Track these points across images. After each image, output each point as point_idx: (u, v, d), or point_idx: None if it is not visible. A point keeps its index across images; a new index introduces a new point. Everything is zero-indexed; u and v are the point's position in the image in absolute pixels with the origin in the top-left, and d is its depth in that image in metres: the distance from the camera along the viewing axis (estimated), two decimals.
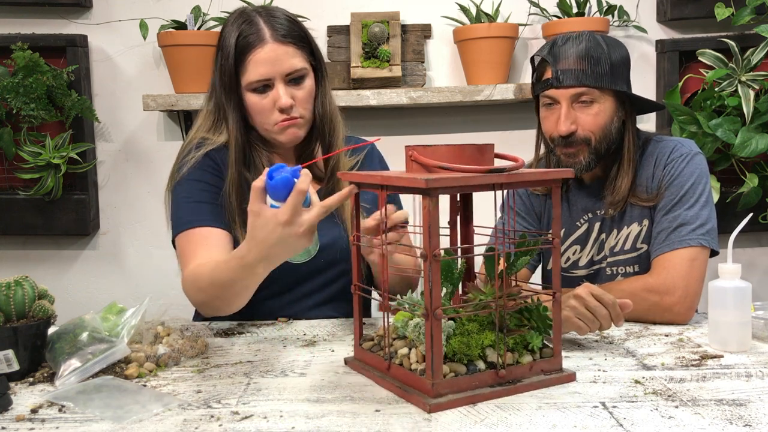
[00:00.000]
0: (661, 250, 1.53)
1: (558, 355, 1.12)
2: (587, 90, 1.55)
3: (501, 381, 1.06)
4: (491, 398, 1.04)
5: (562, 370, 1.12)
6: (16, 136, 2.41)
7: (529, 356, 1.11)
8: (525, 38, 2.56)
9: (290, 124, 1.51)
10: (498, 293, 1.07)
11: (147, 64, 2.58)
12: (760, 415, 0.97)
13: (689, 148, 1.62)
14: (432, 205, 0.99)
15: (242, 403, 1.05)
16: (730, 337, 1.26)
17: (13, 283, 1.18)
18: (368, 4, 2.53)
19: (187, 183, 1.52)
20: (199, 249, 1.44)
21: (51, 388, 1.14)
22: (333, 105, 1.59)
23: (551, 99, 1.59)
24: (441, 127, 2.58)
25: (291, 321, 1.55)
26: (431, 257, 0.99)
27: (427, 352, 1.01)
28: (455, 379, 1.03)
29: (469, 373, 1.04)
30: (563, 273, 1.74)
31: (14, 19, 2.53)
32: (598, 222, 1.68)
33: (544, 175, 1.11)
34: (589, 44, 1.56)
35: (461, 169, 1.03)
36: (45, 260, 2.63)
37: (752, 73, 2.29)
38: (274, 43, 1.47)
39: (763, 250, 2.62)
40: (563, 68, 1.55)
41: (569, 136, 1.57)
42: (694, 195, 1.56)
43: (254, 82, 1.47)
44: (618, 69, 1.57)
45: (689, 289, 1.46)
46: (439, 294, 1.00)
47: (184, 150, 1.58)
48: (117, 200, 2.62)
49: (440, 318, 1.00)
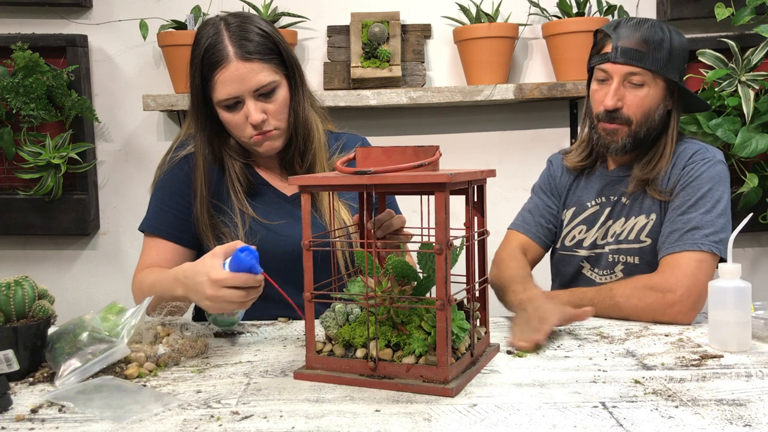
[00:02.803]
0: (671, 250, 1.53)
1: (443, 366, 1.07)
2: (641, 71, 1.57)
3: (372, 373, 1.11)
4: (356, 385, 1.11)
5: (446, 382, 1.07)
6: (16, 136, 2.41)
7: (412, 358, 1.10)
8: (525, 38, 2.56)
9: (265, 138, 1.52)
10: (370, 291, 1.11)
11: (147, 64, 2.58)
12: (760, 415, 0.97)
13: (713, 155, 1.62)
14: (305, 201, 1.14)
15: (242, 403, 1.05)
16: (730, 337, 1.26)
17: (13, 283, 1.18)
18: (368, 4, 2.53)
19: (165, 184, 1.61)
20: (149, 256, 1.59)
21: (51, 388, 1.14)
22: (307, 111, 1.57)
23: (605, 73, 1.61)
24: (441, 127, 2.59)
25: (291, 321, 1.55)
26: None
27: (308, 332, 1.16)
28: (328, 358, 1.15)
29: (346, 357, 1.14)
30: (567, 252, 1.75)
31: (14, 19, 2.53)
32: (609, 207, 1.69)
33: (413, 179, 1.06)
34: (653, 29, 1.58)
35: (340, 171, 1.13)
36: (45, 260, 2.63)
37: (752, 73, 2.29)
38: (238, 61, 1.45)
39: (763, 250, 2.62)
40: (624, 46, 1.57)
41: (613, 111, 1.59)
42: (711, 200, 1.55)
43: (223, 101, 1.48)
44: (676, 59, 1.59)
45: (693, 290, 1.45)
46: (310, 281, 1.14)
47: (172, 148, 1.64)
48: (117, 200, 2.62)
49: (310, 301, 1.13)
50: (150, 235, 1.61)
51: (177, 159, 1.60)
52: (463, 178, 1.09)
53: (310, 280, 1.16)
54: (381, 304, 1.12)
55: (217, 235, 1.55)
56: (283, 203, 1.61)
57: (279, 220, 1.57)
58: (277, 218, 1.58)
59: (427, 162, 1.10)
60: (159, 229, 1.59)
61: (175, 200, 1.59)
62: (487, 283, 1.26)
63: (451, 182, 1.04)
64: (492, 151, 2.58)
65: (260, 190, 1.61)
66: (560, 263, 1.79)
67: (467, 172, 1.12)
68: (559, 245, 1.78)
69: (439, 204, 1.05)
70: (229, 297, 1.22)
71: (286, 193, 1.63)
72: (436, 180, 1.04)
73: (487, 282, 1.27)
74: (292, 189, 1.63)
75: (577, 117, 2.57)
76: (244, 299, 1.23)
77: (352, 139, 1.71)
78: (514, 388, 1.09)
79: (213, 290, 1.22)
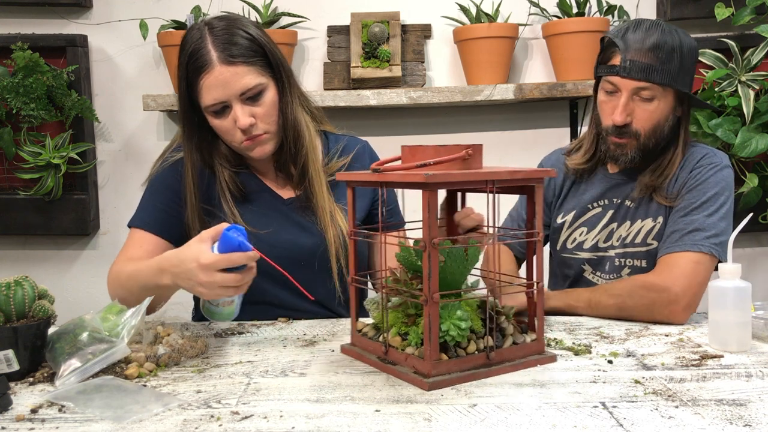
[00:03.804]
0: (670, 250, 1.52)
1: (427, 360, 1.10)
2: (650, 86, 1.54)
3: (384, 357, 1.20)
4: (371, 365, 1.21)
5: (427, 376, 1.10)
6: (16, 136, 2.41)
7: (412, 349, 1.16)
8: (525, 38, 2.56)
9: (255, 143, 1.51)
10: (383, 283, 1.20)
11: (147, 64, 2.58)
12: (760, 415, 0.97)
13: (720, 159, 1.62)
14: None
15: (242, 403, 1.05)
16: (730, 337, 1.26)
17: (13, 283, 1.18)
18: (368, 4, 2.53)
19: (158, 182, 1.59)
20: (132, 249, 1.53)
21: (51, 388, 1.14)
22: (295, 113, 1.54)
23: (613, 86, 1.59)
24: (441, 127, 2.59)
25: (291, 321, 1.55)
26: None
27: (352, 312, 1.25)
28: (362, 338, 1.26)
29: (374, 339, 1.24)
30: (568, 254, 1.75)
31: (14, 19, 2.53)
32: (611, 210, 1.69)
33: (405, 177, 1.13)
34: (662, 36, 1.53)
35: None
36: (45, 260, 2.63)
37: (752, 73, 2.29)
38: (221, 65, 1.44)
39: (763, 250, 2.62)
40: (633, 58, 1.54)
41: (623, 126, 1.58)
42: (716, 204, 1.55)
43: (210, 106, 1.47)
44: (686, 68, 1.56)
45: (689, 290, 1.45)
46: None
47: (170, 147, 1.63)
48: (117, 200, 2.62)
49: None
50: (136, 229, 1.57)
51: (172, 160, 1.59)
52: (534, 175, 1.19)
53: (354, 264, 1.27)
54: (390, 294, 1.19)
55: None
56: (279, 206, 1.60)
57: (274, 225, 1.56)
58: (273, 222, 1.57)
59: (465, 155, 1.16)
60: (146, 222, 1.56)
61: (166, 196, 1.57)
62: (536, 288, 1.22)
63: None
64: (492, 151, 2.58)
65: (256, 194, 1.60)
66: (561, 266, 1.78)
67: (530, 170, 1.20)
68: (560, 247, 1.77)
69: (425, 203, 1.09)
70: (223, 281, 1.20)
71: (282, 196, 1.61)
72: (535, 176, 1.16)
73: (537, 287, 1.22)
74: (289, 193, 1.61)
75: (577, 117, 2.57)
76: (240, 282, 1.21)
77: (352, 142, 1.70)
78: (514, 388, 1.09)
79: (206, 276, 1.20)
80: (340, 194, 1.62)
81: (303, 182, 1.58)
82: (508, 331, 1.21)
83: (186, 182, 1.54)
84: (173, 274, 1.27)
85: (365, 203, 1.66)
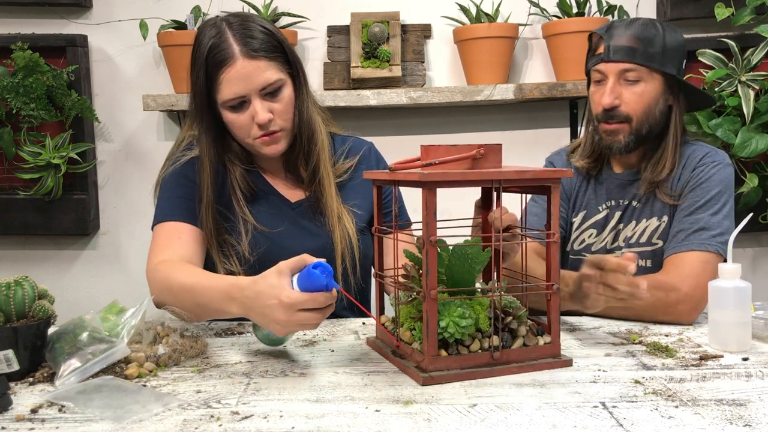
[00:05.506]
0: (677, 249, 1.53)
1: (426, 355, 1.12)
2: (635, 67, 1.58)
3: (396, 350, 1.23)
4: (386, 357, 1.25)
5: (424, 371, 1.12)
6: (16, 136, 2.41)
7: (417, 344, 1.18)
8: (525, 38, 2.56)
9: (271, 140, 1.49)
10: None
11: (147, 64, 2.58)
12: (760, 415, 0.97)
13: (722, 158, 1.63)
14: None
15: (242, 403, 1.05)
16: (730, 337, 1.26)
17: (13, 283, 1.18)
18: (368, 4, 2.53)
19: (172, 178, 1.55)
20: (170, 242, 1.48)
21: (51, 388, 1.14)
22: (310, 111, 1.54)
23: (601, 74, 1.62)
24: (441, 127, 2.58)
25: None
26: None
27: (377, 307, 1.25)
28: (384, 331, 1.28)
29: (392, 332, 1.26)
30: (576, 255, 1.75)
31: (14, 19, 2.53)
32: (619, 211, 1.69)
33: (409, 176, 1.16)
34: (645, 26, 1.59)
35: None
36: (45, 260, 2.63)
37: (752, 73, 2.29)
38: (244, 59, 1.42)
39: (763, 250, 2.62)
40: (615, 45, 1.59)
41: (611, 110, 1.60)
42: (719, 202, 1.56)
43: (229, 101, 1.45)
44: (671, 53, 1.59)
45: (696, 290, 1.45)
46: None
47: (177, 148, 1.61)
48: (117, 200, 2.62)
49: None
50: (163, 223, 1.51)
51: (185, 159, 1.56)
52: (560, 176, 1.21)
53: (378, 261, 1.33)
54: (401, 289, 1.24)
55: (220, 242, 1.51)
56: (286, 210, 1.59)
57: (280, 228, 1.55)
58: (278, 225, 1.55)
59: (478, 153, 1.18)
60: (172, 214, 1.51)
61: (186, 186, 1.53)
62: (552, 290, 1.20)
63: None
64: None
65: (264, 196, 1.58)
66: (569, 267, 1.77)
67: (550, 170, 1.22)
68: (569, 248, 1.77)
69: (423, 201, 1.10)
70: (304, 320, 1.13)
71: (290, 199, 1.59)
72: (551, 176, 1.19)
73: (553, 288, 1.21)
74: (296, 195, 1.60)
75: (577, 117, 2.57)
76: (319, 321, 1.14)
77: (357, 143, 1.69)
78: (514, 388, 1.09)
79: (286, 315, 1.12)
80: (346, 196, 1.62)
81: (313, 182, 1.57)
82: (519, 332, 1.19)
83: (202, 177, 1.51)
84: (245, 306, 1.19)
85: (371, 204, 1.66)
